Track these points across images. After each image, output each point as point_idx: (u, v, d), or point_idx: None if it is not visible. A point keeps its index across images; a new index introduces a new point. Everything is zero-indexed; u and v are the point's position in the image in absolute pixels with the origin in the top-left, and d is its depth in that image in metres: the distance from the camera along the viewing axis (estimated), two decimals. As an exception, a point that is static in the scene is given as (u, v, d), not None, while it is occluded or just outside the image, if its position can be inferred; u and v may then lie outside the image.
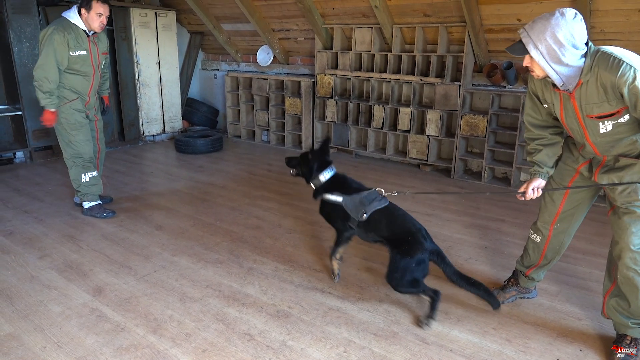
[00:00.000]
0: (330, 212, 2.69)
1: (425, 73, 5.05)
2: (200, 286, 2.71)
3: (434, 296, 2.35)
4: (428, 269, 2.40)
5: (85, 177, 3.60)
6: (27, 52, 4.92)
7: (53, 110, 3.34)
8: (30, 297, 2.56)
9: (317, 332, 2.30)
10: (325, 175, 2.70)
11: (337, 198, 2.59)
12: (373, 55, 5.34)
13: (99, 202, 3.72)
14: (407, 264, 2.35)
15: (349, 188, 2.66)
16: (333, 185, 2.68)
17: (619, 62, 1.74)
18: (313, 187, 2.75)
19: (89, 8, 3.24)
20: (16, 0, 4.76)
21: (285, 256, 3.11)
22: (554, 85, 1.95)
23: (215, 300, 2.57)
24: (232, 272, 2.88)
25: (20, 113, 5.01)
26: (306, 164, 2.76)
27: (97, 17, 3.27)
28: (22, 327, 2.29)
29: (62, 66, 3.29)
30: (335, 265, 2.75)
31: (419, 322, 2.36)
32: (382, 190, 2.54)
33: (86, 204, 3.68)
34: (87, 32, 3.34)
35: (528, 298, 2.60)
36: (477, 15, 4.36)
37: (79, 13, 3.28)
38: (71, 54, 3.28)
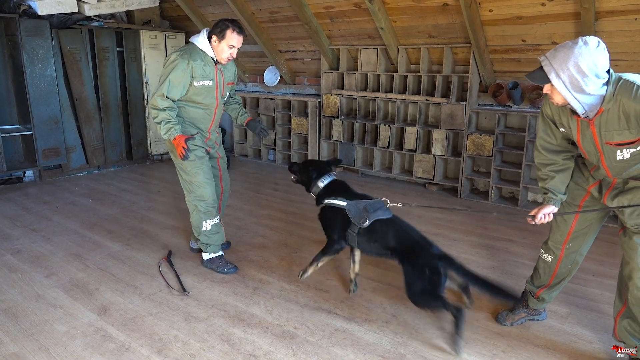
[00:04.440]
0: (330, 217, 2.65)
1: (430, 93, 5.08)
2: (206, 306, 2.69)
3: (457, 314, 2.25)
4: (444, 277, 2.34)
5: (207, 225, 3.08)
6: (39, 73, 5.02)
7: (176, 136, 2.81)
8: (35, 315, 2.56)
9: (323, 353, 2.26)
10: (323, 181, 2.72)
11: (340, 202, 2.58)
12: (379, 75, 5.40)
13: (221, 253, 3.22)
14: (420, 271, 2.32)
15: (352, 194, 2.66)
16: (333, 191, 2.68)
17: None
18: (313, 195, 2.77)
19: (221, 37, 2.82)
20: (30, 23, 4.88)
21: (291, 276, 3.09)
22: (573, 112, 1.93)
23: (221, 320, 2.55)
24: (237, 292, 2.87)
25: (30, 133, 5.08)
26: (306, 172, 2.78)
27: (227, 49, 2.84)
28: (27, 347, 2.28)
29: (177, 96, 2.87)
30: (311, 271, 2.76)
31: (452, 348, 2.27)
32: (388, 201, 2.53)
33: (206, 255, 3.18)
34: (215, 60, 2.92)
35: (538, 320, 2.55)
36: (482, 36, 4.40)
37: (209, 39, 2.87)
38: (195, 84, 2.86)
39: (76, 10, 5.18)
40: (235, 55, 2.91)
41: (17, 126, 5.27)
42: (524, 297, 2.55)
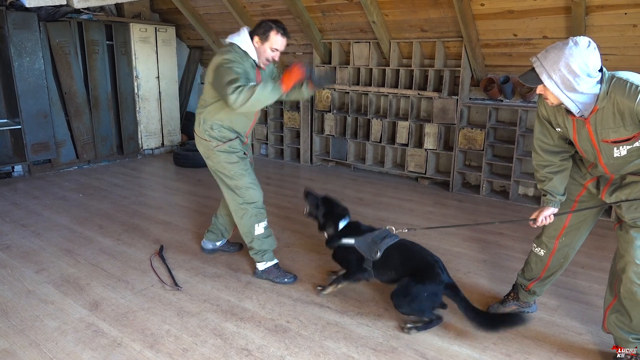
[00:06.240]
0: (344, 256, 2.68)
1: (422, 87, 5.09)
2: (198, 300, 2.69)
3: (435, 319, 2.38)
4: (440, 301, 2.40)
5: (259, 228, 2.89)
6: (27, 66, 4.95)
7: (282, 77, 2.53)
8: (26, 311, 2.54)
9: (316, 347, 2.27)
10: (339, 225, 2.72)
11: (349, 240, 2.61)
12: (371, 69, 5.39)
13: (276, 261, 2.99)
14: (419, 292, 2.33)
15: (360, 230, 2.67)
16: (346, 232, 2.70)
17: (636, 89, 1.75)
18: (326, 235, 2.77)
19: (265, 39, 2.63)
20: (17, 16, 4.80)
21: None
22: (568, 111, 1.94)
23: (213, 314, 2.55)
24: (230, 286, 2.87)
25: (19, 127, 5.02)
26: (326, 212, 2.76)
27: (270, 52, 2.67)
28: (18, 343, 2.27)
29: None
30: (330, 290, 2.73)
31: (402, 326, 2.39)
32: (393, 228, 2.56)
33: (262, 265, 2.94)
34: (257, 63, 2.71)
35: (528, 312, 2.58)
36: (474, 31, 4.41)
37: (251, 39, 2.67)
38: None
39: (65, 2, 5.10)
40: (277, 59, 2.75)
41: (6, 120, 5.21)
42: (515, 290, 2.58)
